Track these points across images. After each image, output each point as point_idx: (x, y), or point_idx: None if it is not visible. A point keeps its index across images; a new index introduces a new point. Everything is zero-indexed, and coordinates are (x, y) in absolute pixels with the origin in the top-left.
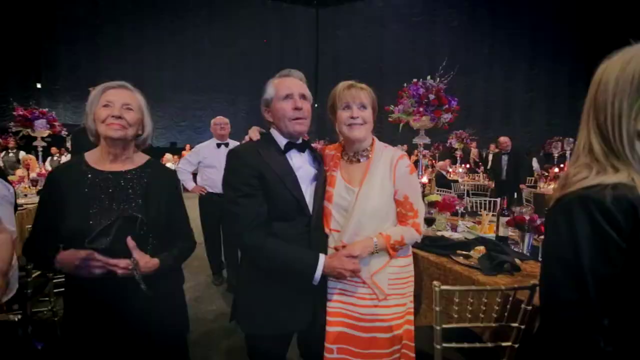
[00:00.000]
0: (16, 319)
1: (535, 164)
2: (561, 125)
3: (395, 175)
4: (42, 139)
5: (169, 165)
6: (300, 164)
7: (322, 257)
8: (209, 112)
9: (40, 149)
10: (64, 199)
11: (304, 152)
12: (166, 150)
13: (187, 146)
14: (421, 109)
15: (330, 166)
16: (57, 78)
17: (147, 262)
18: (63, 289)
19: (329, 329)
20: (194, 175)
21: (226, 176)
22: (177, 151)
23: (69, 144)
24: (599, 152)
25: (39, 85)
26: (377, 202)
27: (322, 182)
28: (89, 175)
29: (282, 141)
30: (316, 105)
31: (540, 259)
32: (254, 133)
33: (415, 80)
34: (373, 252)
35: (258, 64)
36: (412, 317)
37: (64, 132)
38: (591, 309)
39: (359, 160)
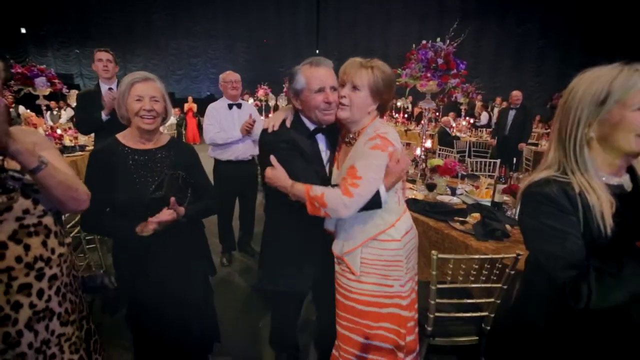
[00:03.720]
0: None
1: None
2: (573, 76)
3: None
4: (44, 96)
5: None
6: (325, 147)
7: None
8: (205, 60)
9: (44, 107)
10: (113, 175)
11: (329, 136)
12: None
13: (190, 98)
14: (428, 74)
15: (338, 146)
16: (42, 22)
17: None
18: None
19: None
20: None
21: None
22: (177, 102)
23: (69, 100)
24: (553, 151)
25: (23, 31)
26: None
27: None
28: (130, 154)
29: (310, 126)
30: (317, 51)
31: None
32: (277, 119)
33: (424, 42)
34: (285, 190)
35: (255, 7)
36: (403, 302)
37: (64, 90)
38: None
39: (349, 143)
